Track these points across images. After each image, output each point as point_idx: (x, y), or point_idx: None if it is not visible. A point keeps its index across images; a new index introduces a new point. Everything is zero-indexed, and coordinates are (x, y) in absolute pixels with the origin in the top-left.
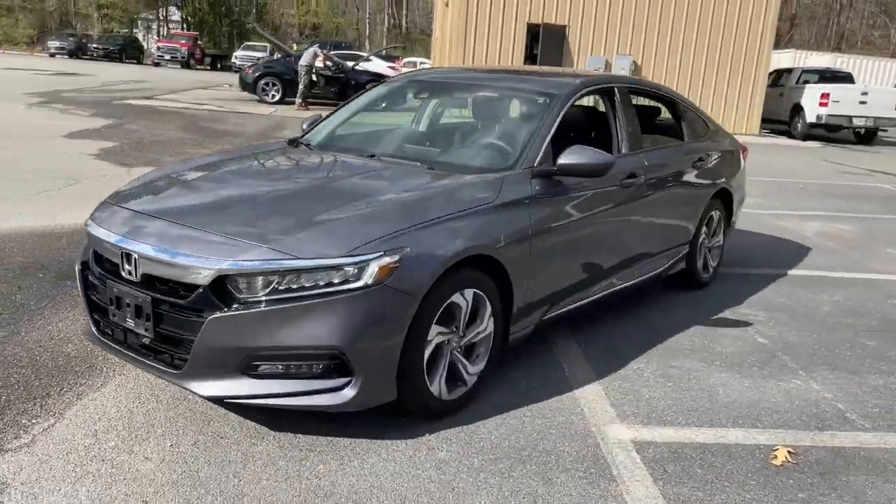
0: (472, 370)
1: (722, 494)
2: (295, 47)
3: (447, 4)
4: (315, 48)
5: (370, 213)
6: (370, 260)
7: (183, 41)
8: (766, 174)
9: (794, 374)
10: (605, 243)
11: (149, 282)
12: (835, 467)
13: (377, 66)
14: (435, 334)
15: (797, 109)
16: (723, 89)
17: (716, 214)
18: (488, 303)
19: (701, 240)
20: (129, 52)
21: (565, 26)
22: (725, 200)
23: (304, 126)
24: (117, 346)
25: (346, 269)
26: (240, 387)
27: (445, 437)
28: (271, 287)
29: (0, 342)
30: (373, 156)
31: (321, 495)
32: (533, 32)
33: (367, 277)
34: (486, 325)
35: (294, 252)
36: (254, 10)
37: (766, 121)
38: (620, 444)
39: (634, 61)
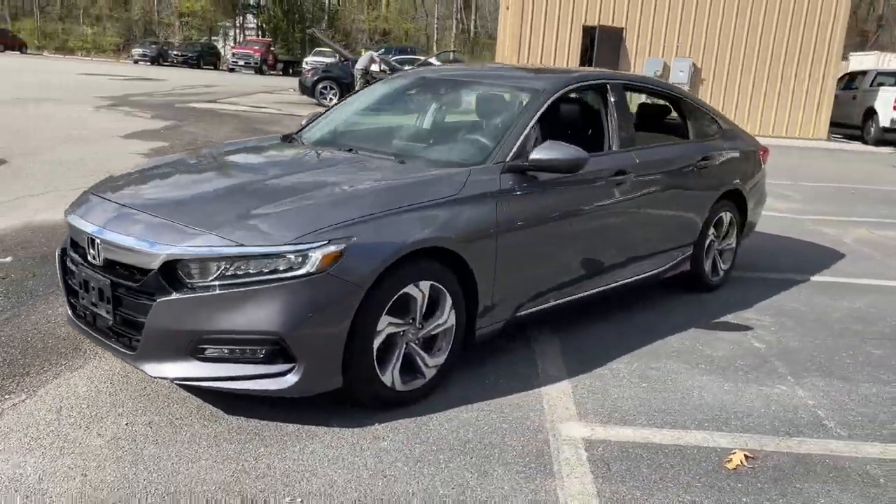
0: (430, 363)
1: (661, 495)
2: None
3: (508, 8)
4: (371, 53)
5: (322, 203)
6: (313, 248)
7: (256, 47)
8: (824, 179)
9: (781, 379)
10: (589, 241)
11: (110, 266)
12: (792, 474)
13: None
14: (386, 325)
15: (870, 113)
16: (788, 92)
17: (726, 216)
18: (448, 296)
19: (708, 241)
20: (207, 58)
21: (622, 28)
22: (738, 202)
23: (303, 122)
24: (87, 329)
25: (289, 256)
26: (188, 369)
27: (394, 427)
28: (218, 273)
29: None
30: (351, 150)
31: (253, 476)
32: (590, 35)
33: (310, 265)
34: (447, 319)
35: (239, 239)
36: (325, 17)
37: (838, 125)
38: (570, 442)
39: (694, 64)
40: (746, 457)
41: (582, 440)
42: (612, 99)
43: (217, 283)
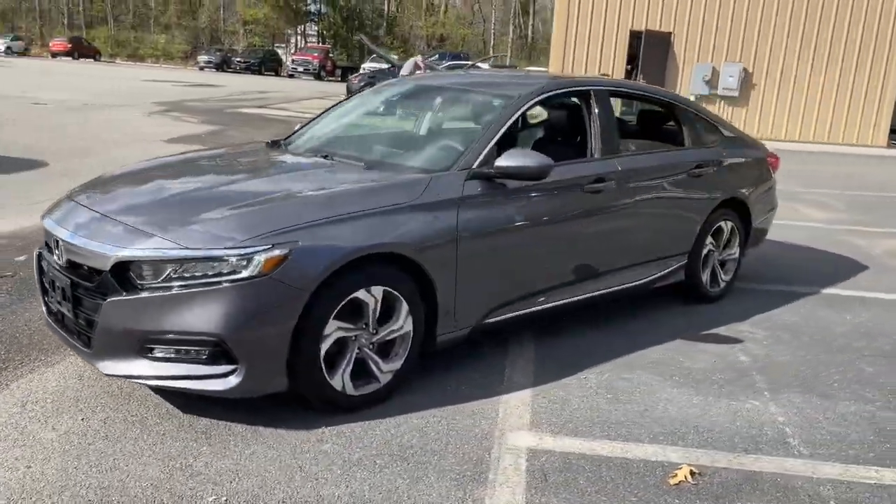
0: (385, 368)
1: None
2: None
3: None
4: (416, 58)
5: (272, 208)
6: (257, 252)
7: (315, 54)
8: (871, 188)
9: (757, 394)
10: (565, 249)
11: (73, 267)
12: (737, 491)
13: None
14: (334, 329)
15: None
16: (845, 98)
17: (726, 225)
18: (404, 302)
19: (706, 251)
20: (268, 64)
21: (670, 33)
22: (741, 211)
23: (296, 128)
24: (56, 327)
25: (232, 260)
26: (138, 368)
27: (340, 431)
28: (166, 275)
29: None
30: (326, 156)
31: (188, 474)
32: (637, 40)
33: (252, 269)
34: (403, 325)
35: (185, 243)
36: (384, 23)
37: None
38: (514, 451)
39: (745, 69)
40: (692, 472)
41: (526, 450)
42: (595, 105)
43: (164, 284)
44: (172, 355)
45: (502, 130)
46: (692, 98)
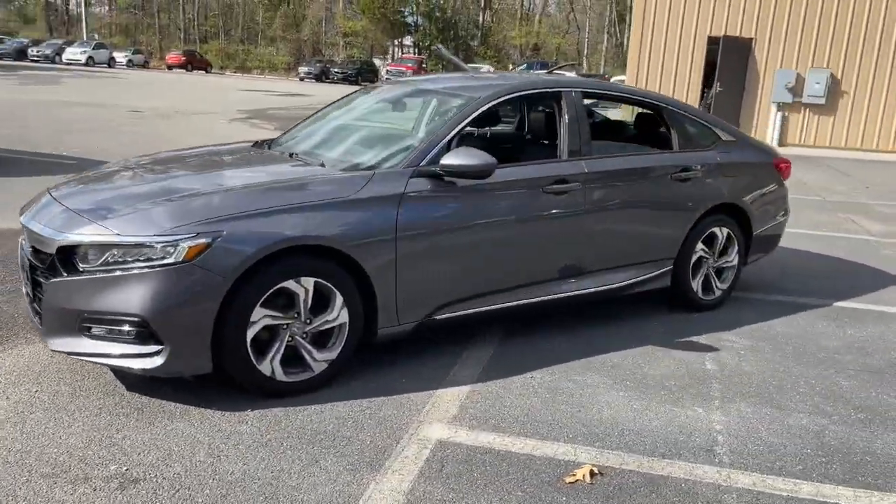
0: (319, 357)
1: (473, 499)
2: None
3: None
4: (489, 67)
5: (207, 199)
6: (181, 240)
7: (409, 64)
8: None
9: (706, 402)
10: (523, 250)
11: (34, 252)
12: (632, 493)
13: None
14: (261, 316)
15: None
16: None
17: (721, 231)
18: (338, 294)
19: (696, 258)
20: (365, 75)
21: (751, 39)
22: (739, 217)
23: (290, 128)
24: (29, 307)
25: (159, 246)
26: (78, 345)
27: (264, 415)
28: (102, 259)
29: None
30: (293, 155)
31: (104, 445)
32: (715, 46)
33: (177, 256)
34: (338, 316)
35: (118, 230)
36: (479, 33)
37: None
38: (423, 442)
39: (832, 75)
40: (593, 473)
41: (436, 441)
42: (565, 107)
43: (101, 268)
44: (107, 334)
45: (455, 130)
46: (774, 106)
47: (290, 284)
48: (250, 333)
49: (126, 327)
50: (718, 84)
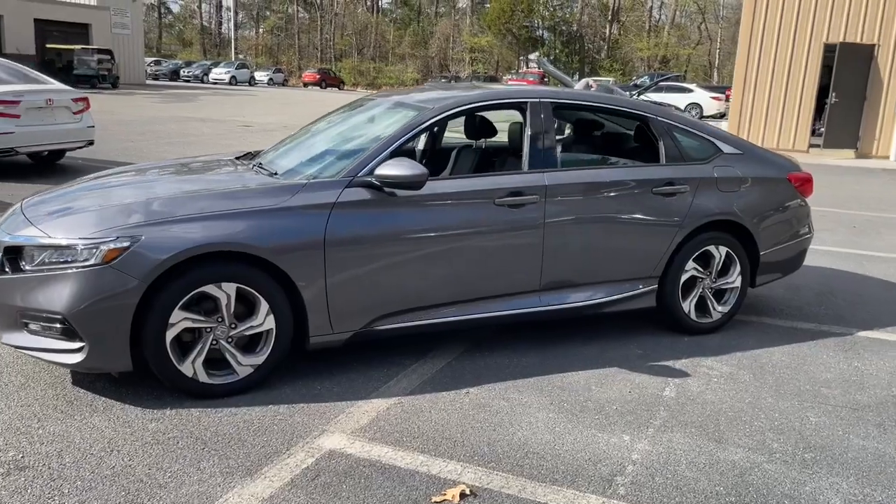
0: (245, 361)
1: None
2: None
3: None
4: (587, 80)
5: (135, 205)
6: (101, 243)
7: (531, 78)
8: None
9: (638, 430)
10: (474, 264)
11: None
12: None
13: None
14: (181, 319)
15: None
16: None
17: (719, 250)
18: (263, 300)
19: (685, 277)
20: None
21: (874, 45)
22: (742, 235)
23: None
24: None
25: (81, 249)
26: (21, 339)
27: (179, 413)
28: (39, 260)
29: None
30: (255, 166)
31: (17, 433)
32: (832, 53)
33: (97, 258)
34: (264, 322)
35: (50, 232)
36: (605, 46)
37: None
38: (313, 451)
39: None
40: (464, 494)
41: (327, 451)
42: (529, 117)
43: (37, 268)
44: (41, 330)
45: (398, 142)
46: None
47: (210, 289)
48: (170, 335)
49: (55, 324)
50: (834, 94)
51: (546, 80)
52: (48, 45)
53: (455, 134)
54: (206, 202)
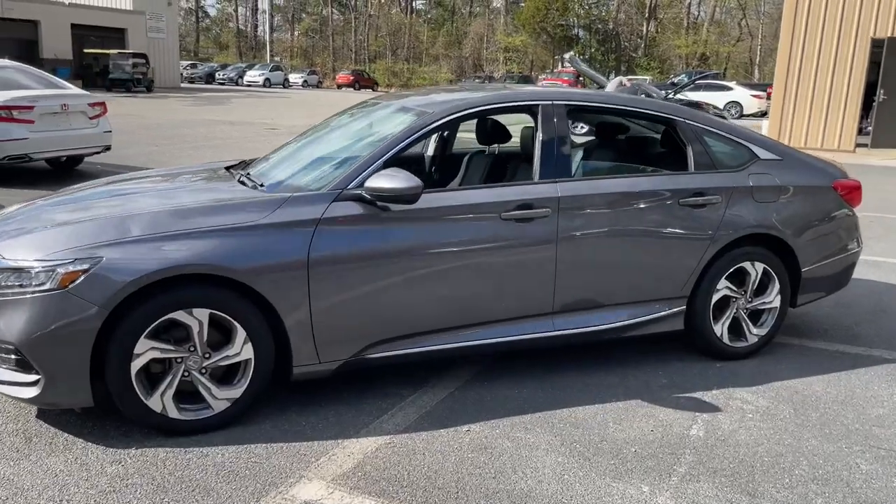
0: (220, 394)
1: None
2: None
3: None
4: (621, 78)
5: (98, 223)
6: (58, 265)
7: (566, 78)
8: None
9: (659, 479)
10: (476, 285)
11: None
12: None
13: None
14: (147, 349)
15: None
16: None
17: (755, 267)
18: (239, 327)
19: (717, 297)
20: None
21: None
22: (781, 250)
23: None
24: None
25: (37, 272)
26: None
27: (144, 454)
28: None
29: None
30: (244, 176)
31: None
32: (879, 49)
33: (53, 282)
34: (240, 351)
35: (3, 253)
36: (642, 44)
37: None
38: (286, 500)
39: None
40: None
41: (302, 502)
42: (541, 122)
43: None
44: None
45: (394, 150)
46: None
47: (180, 316)
48: (135, 366)
49: (9, 355)
50: (882, 92)
51: (581, 79)
52: (86, 50)
53: (470, 134)
54: (178, 219)
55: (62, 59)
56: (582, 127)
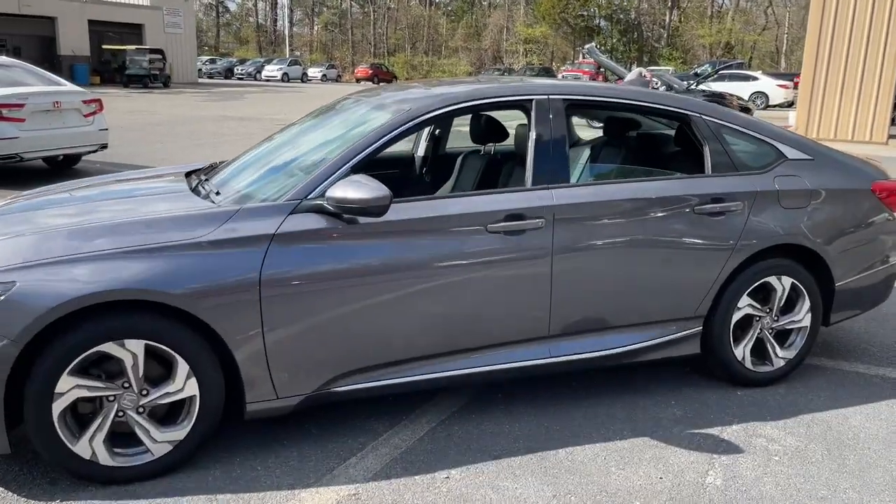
0: (161, 436)
1: None
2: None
3: None
4: (641, 69)
5: (16, 241)
6: None
7: (586, 69)
8: None
9: None
10: (459, 307)
11: None
12: None
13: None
14: (71, 387)
15: None
16: None
17: (781, 282)
18: (181, 360)
19: (738, 316)
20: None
21: None
22: (812, 262)
23: None
24: None
25: None
26: None
27: None
28: None
29: None
30: (198, 185)
31: None
32: None
33: None
34: (183, 387)
35: None
36: (665, 34)
37: None
38: None
39: None
40: None
41: None
42: (535, 119)
43: None
44: None
45: (361, 155)
46: None
47: (109, 348)
48: (57, 407)
49: None
50: None
51: (601, 70)
52: (104, 47)
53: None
54: (108, 236)
55: (80, 56)
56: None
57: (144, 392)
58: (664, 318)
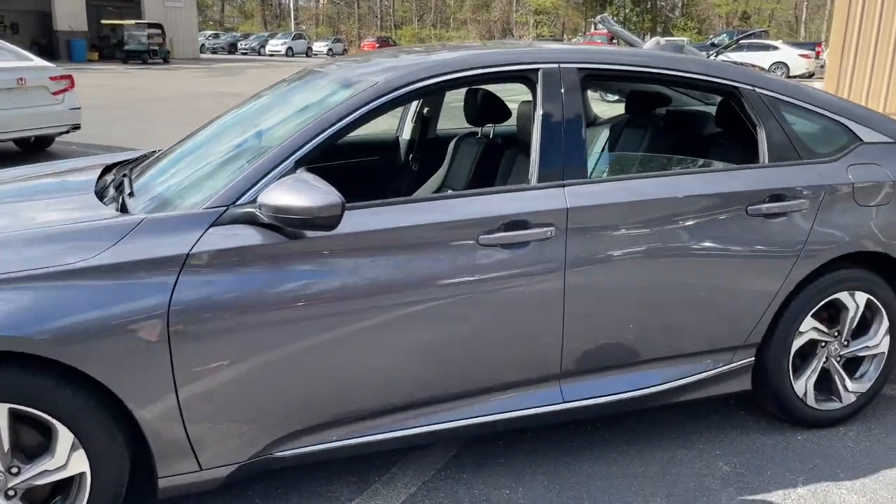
0: None
1: None
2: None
3: None
4: (657, 38)
5: None
6: None
7: (599, 41)
8: None
9: None
10: (438, 345)
11: None
12: None
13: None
14: None
15: None
16: None
17: (854, 299)
18: (61, 428)
19: (800, 342)
20: None
21: None
22: (894, 274)
23: None
24: None
25: None
26: None
27: None
28: None
29: None
30: (118, 180)
31: None
32: None
33: None
34: (66, 462)
35: None
36: (679, 4)
37: None
38: None
39: None
40: None
41: None
42: (541, 97)
43: None
44: None
45: (307, 147)
46: None
47: None
48: None
49: None
50: None
51: (614, 41)
52: (103, 22)
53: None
54: None
55: (77, 31)
56: (606, 97)
57: (14, 471)
58: (707, 348)
